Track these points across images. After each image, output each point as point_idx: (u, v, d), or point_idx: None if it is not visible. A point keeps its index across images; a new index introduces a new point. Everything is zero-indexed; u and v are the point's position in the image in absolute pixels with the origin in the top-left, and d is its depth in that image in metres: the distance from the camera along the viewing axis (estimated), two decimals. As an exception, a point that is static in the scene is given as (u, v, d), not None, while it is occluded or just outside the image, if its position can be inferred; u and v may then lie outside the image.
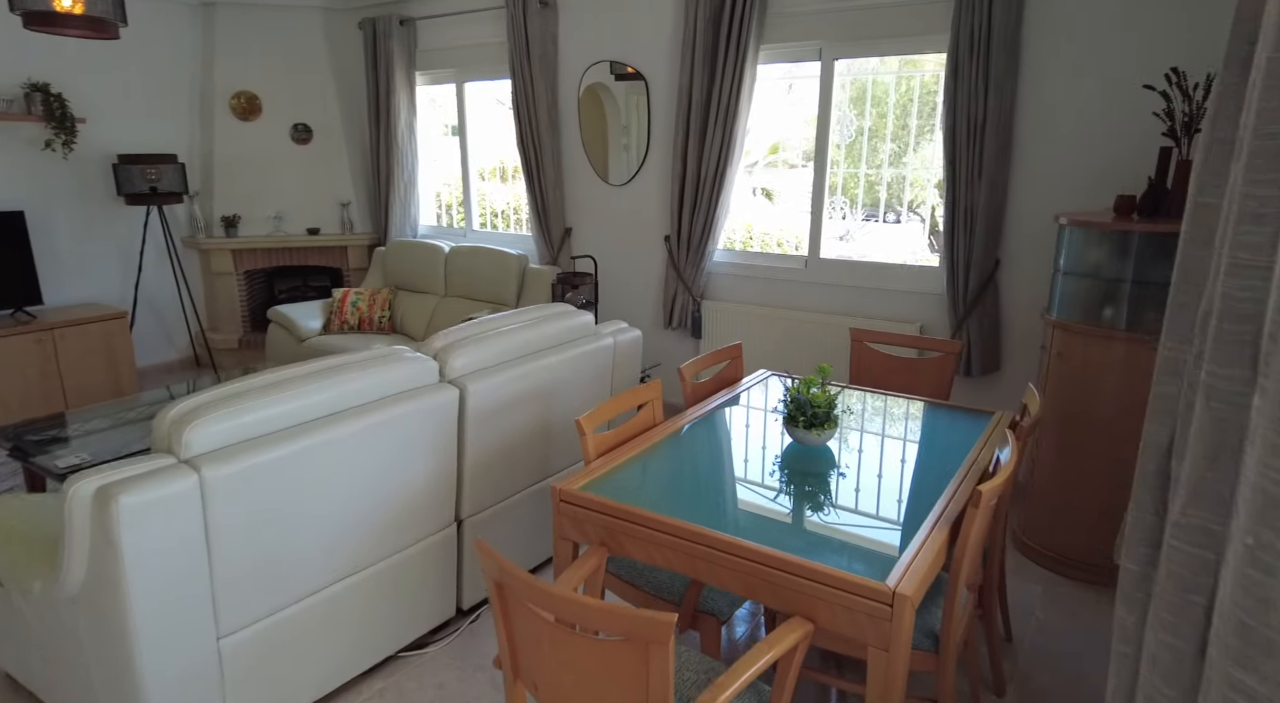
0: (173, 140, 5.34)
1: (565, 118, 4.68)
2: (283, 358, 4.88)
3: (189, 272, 5.63)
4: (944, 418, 2.49)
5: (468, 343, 2.54)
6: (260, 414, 1.95)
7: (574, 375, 2.85)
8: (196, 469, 1.77)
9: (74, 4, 3.28)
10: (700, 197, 4.12)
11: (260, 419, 1.95)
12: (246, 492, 1.86)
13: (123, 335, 4.80)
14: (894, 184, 4.05)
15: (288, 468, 1.93)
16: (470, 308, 4.80)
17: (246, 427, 1.92)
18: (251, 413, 1.93)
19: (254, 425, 1.93)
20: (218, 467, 1.80)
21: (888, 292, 3.82)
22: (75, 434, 3.31)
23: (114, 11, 3.40)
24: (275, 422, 1.98)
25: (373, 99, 5.36)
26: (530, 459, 2.74)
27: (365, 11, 5.38)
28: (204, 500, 1.79)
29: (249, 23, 5.31)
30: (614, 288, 4.74)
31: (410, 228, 5.60)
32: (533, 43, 4.50)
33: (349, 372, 2.18)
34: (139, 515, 1.67)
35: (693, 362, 2.67)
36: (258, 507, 1.89)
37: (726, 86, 3.88)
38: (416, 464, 2.30)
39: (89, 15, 3.32)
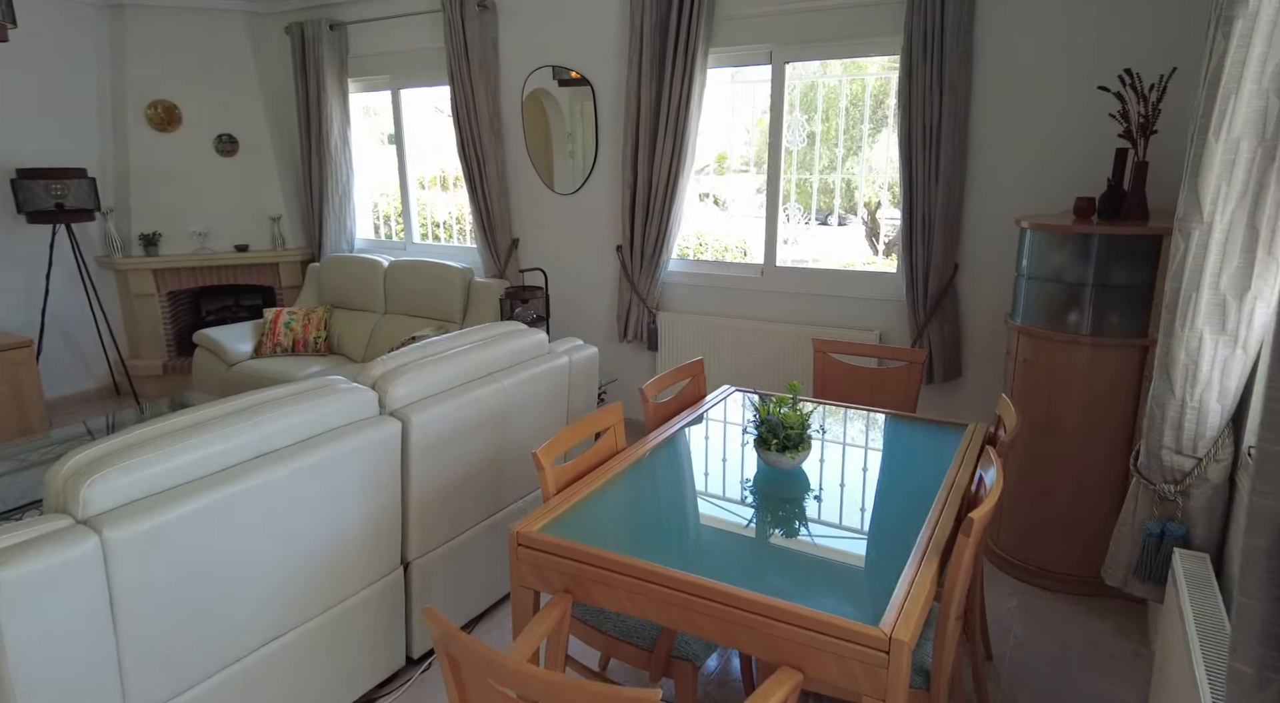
0: (81, 153, 4.96)
1: (509, 125, 4.49)
2: (211, 384, 4.56)
3: (105, 294, 5.24)
4: (916, 433, 2.39)
5: (410, 369, 2.34)
6: (172, 463, 1.72)
7: (528, 399, 2.67)
8: (97, 531, 1.54)
9: (-43, 5, 2.97)
10: (652, 205, 3.99)
11: (172, 469, 1.72)
12: (158, 553, 1.63)
13: (28, 366, 4.40)
14: (842, 188, 3.99)
15: (206, 522, 1.71)
16: (412, 326, 4.56)
17: (156, 478, 1.69)
18: (162, 462, 1.70)
19: (165, 476, 1.71)
20: (122, 526, 1.57)
21: (846, 298, 3.74)
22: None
23: (3, 13, 3.09)
24: (190, 470, 1.75)
25: (303, 107, 5.08)
26: (483, 492, 2.55)
27: (292, 15, 5.09)
28: (107, 566, 1.56)
29: (163, 26, 4.97)
30: (565, 301, 4.57)
31: (346, 242, 5.32)
32: (471, 47, 4.31)
33: (276, 408, 1.97)
34: (24, 591, 1.43)
35: (654, 381, 2.52)
36: (172, 569, 1.66)
37: (676, 91, 3.76)
38: (356, 507, 2.09)
39: (-26, 17, 3.02)
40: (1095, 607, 2.75)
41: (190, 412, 1.88)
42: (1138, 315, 2.63)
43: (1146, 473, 1.65)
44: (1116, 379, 2.67)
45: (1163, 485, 1.59)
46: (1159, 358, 1.66)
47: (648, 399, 2.47)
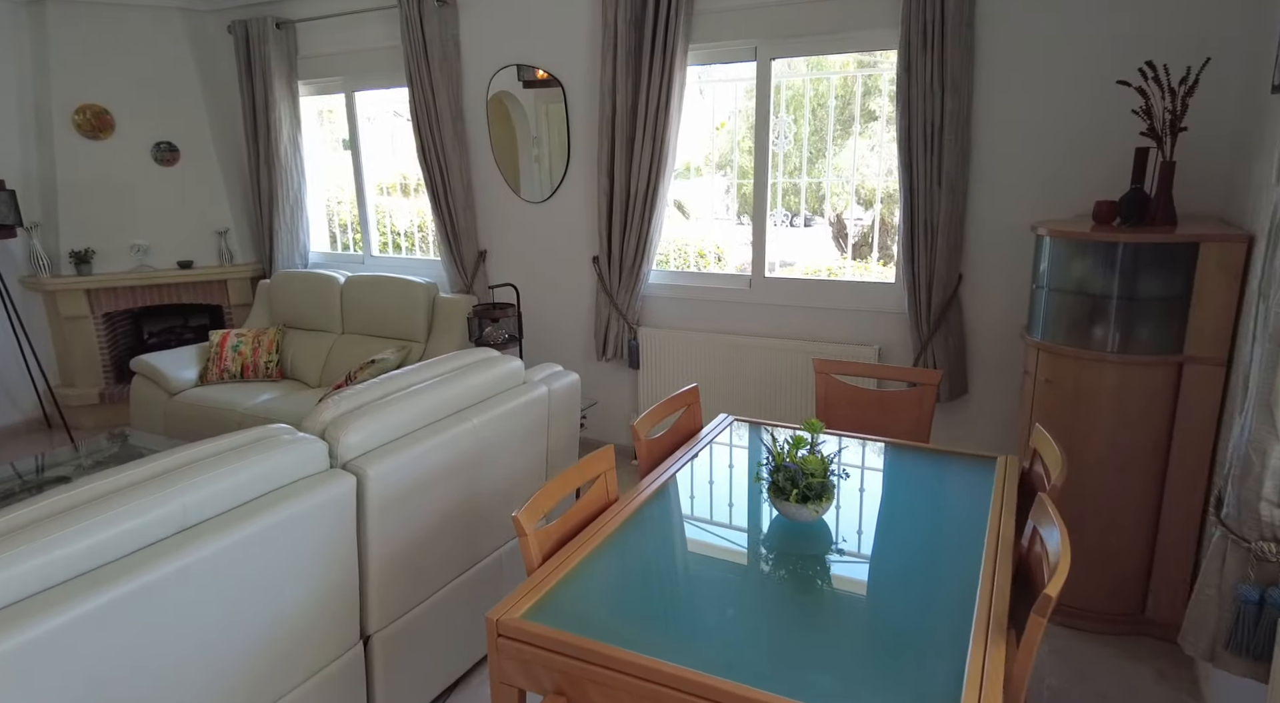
0: (0, 164, 4.52)
1: (473, 129, 4.17)
2: (151, 416, 4.16)
3: (31, 317, 4.79)
4: (939, 468, 2.14)
5: (365, 413, 2.02)
6: (74, 547, 1.38)
7: (503, 437, 2.36)
8: (-42, 649, 1.21)
9: None
10: (631, 213, 3.70)
11: (75, 554, 1.38)
12: (62, 657, 1.29)
13: (-57, 401, 3.97)
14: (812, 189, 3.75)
15: (119, 617, 1.38)
16: (372, 346, 4.22)
17: (54, 566, 1.35)
18: (61, 546, 1.37)
19: (65, 563, 1.37)
20: (13, 632, 1.24)
21: (842, 311, 3.49)
22: None
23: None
24: (96, 555, 1.42)
25: (249, 112, 4.70)
26: (455, 546, 2.24)
27: (235, 13, 4.71)
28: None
29: (91, 24, 4.55)
30: (539, 318, 4.26)
31: (300, 256, 4.94)
32: (431, 45, 3.98)
33: (203, 472, 1.63)
34: None
35: (646, 415, 2.23)
36: (70, 682, 1.33)
37: (655, 91, 3.48)
38: (304, 580, 1.77)
39: None
40: (1130, 648, 2.52)
41: (102, 477, 1.54)
42: (1170, 330, 2.41)
43: (1237, 528, 1.41)
44: (1149, 400, 2.44)
45: (1261, 544, 1.35)
46: (1257, 394, 1.42)
47: (640, 437, 2.18)
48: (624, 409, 4.12)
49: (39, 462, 3.36)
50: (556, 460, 2.68)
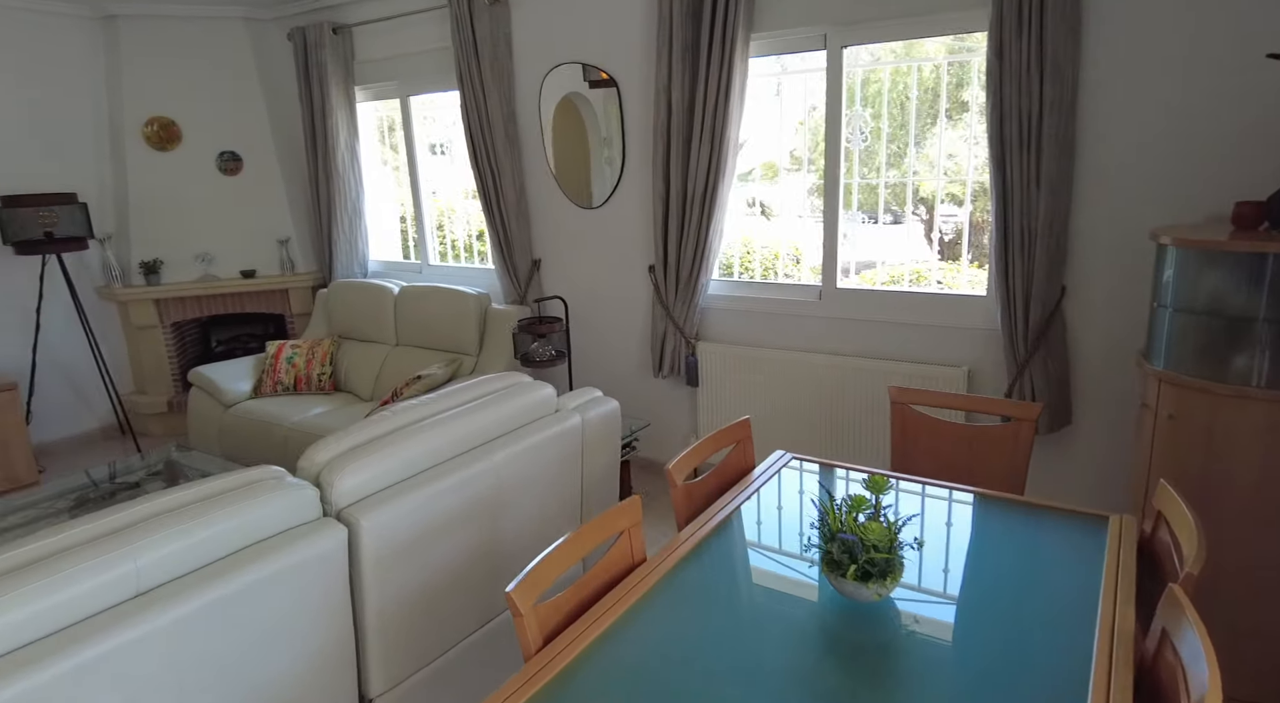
0: (76, 177, 4.62)
1: (525, 132, 3.97)
2: (207, 428, 4.15)
3: (108, 326, 4.90)
4: (1037, 529, 1.76)
5: (364, 453, 1.81)
6: (35, 605, 1.22)
7: (529, 474, 2.12)
8: None
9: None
10: (688, 218, 3.41)
11: (24, 619, 1.22)
12: (-46, 768, 1.13)
13: (11, 410, 4.06)
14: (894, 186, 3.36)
15: (80, 685, 1.21)
16: (424, 359, 4.08)
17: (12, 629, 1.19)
18: (11, 608, 1.20)
19: (14, 630, 1.21)
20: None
21: (924, 327, 3.10)
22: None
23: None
24: (55, 616, 1.25)
25: (308, 120, 4.66)
26: (472, 598, 2.01)
27: (294, 20, 4.68)
28: None
29: (160, 38, 4.60)
30: (591, 332, 4.02)
31: (359, 265, 4.88)
32: (482, 45, 3.80)
33: (166, 525, 1.45)
34: None
35: (684, 457, 1.94)
36: (-20, 786, 1.16)
37: (713, 86, 3.18)
38: (290, 642, 1.57)
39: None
40: (1279, 747, 2.07)
41: (66, 527, 1.38)
42: (1338, 361, 1.95)
43: None
44: (1308, 447, 1.99)
45: None
46: None
47: (675, 482, 1.90)
48: (681, 430, 3.84)
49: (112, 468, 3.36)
50: (593, 498, 2.43)
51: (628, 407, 4.00)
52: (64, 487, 3.25)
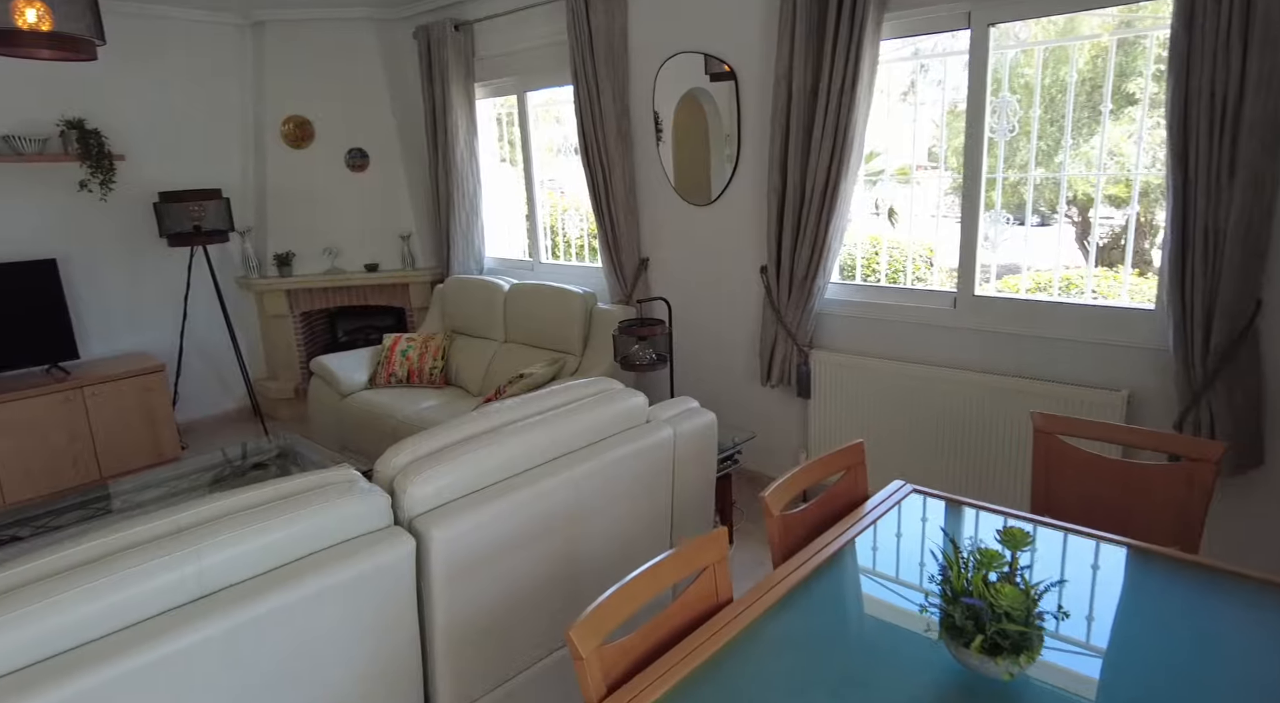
0: (221, 174, 4.92)
1: (638, 127, 3.84)
2: (325, 416, 4.30)
3: (246, 315, 5.21)
4: (1215, 600, 1.42)
5: (441, 459, 1.72)
6: (58, 618, 1.19)
7: (613, 489, 1.97)
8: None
9: (39, 20, 2.76)
10: (805, 216, 3.16)
11: (82, 619, 1.19)
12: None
13: (160, 391, 4.36)
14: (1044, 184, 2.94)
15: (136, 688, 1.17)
16: (530, 357, 4.03)
17: (34, 640, 1.16)
18: (70, 608, 1.18)
19: (45, 638, 1.18)
20: None
21: (1076, 344, 2.70)
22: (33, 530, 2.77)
23: (90, 29, 2.87)
24: (116, 616, 1.22)
25: (429, 117, 4.74)
26: (543, 623, 1.89)
27: (420, 18, 4.77)
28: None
29: (299, 39, 4.82)
30: (697, 335, 3.83)
31: (475, 261, 4.92)
32: (597, 37, 3.70)
33: (232, 527, 1.40)
34: None
35: (781, 485, 1.73)
36: (22, 791, 1.13)
37: (838, 73, 2.91)
38: (353, 655, 1.49)
39: (59, 34, 2.81)
40: None
41: (104, 537, 1.35)
42: None
43: None
44: None
45: None
46: None
47: (771, 512, 1.68)
48: (790, 444, 3.59)
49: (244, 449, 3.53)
50: (684, 519, 2.25)
51: (732, 416, 3.79)
52: (202, 463, 3.43)
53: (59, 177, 4.28)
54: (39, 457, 3.98)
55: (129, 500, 3.09)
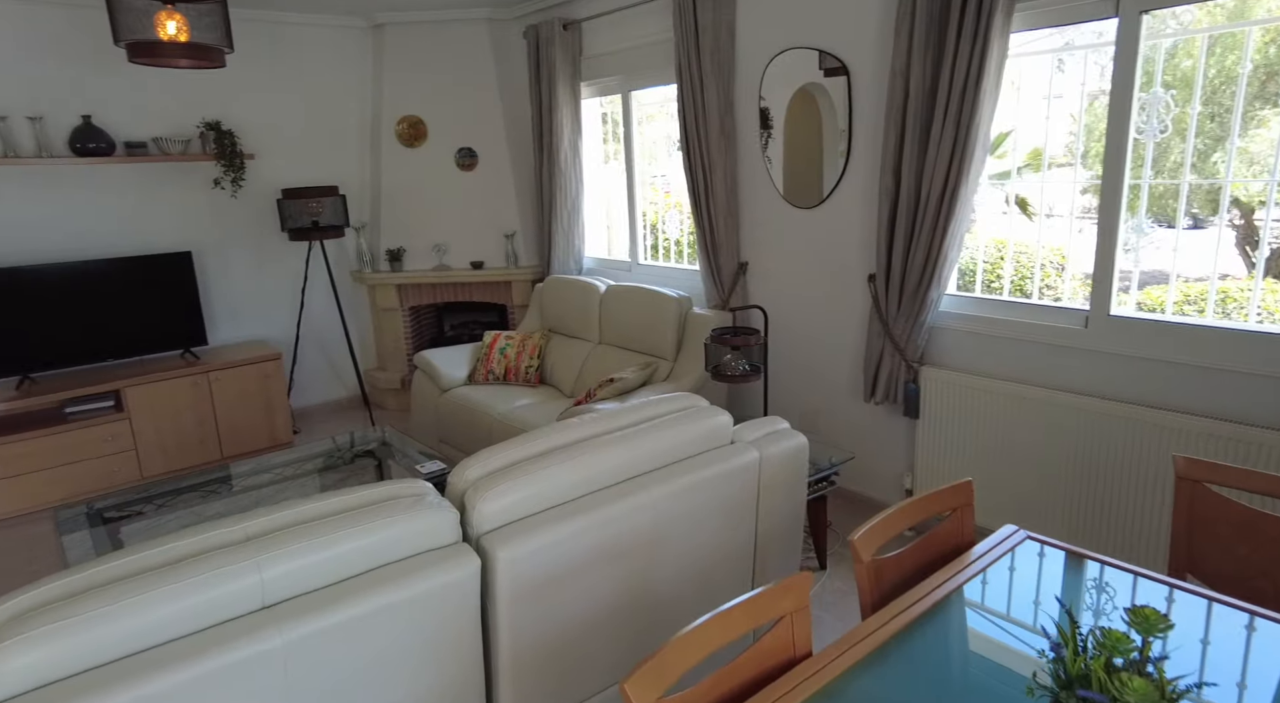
0: (340, 172, 5.14)
1: (743, 127, 3.69)
2: (426, 410, 4.41)
3: (359, 307, 5.43)
4: None
5: (513, 475, 1.67)
6: (104, 630, 1.21)
7: (690, 514, 1.87)
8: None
9: (178, 32, 2.94)
10: (920, 222, 2.93)
11: (105, 639, 1.21)
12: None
13: (277, 377, 4.60)
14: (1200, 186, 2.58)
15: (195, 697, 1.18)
16: (623, 360, 3.98)
17: (74, 655, 1.19)
18: (91, 627, 1.20)
19: (92, 650, 1.20)
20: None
21: (1232, 374, 2.37)
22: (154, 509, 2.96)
23: (221, 38, 3.02)
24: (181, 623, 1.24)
25: (536, 117, 4.76)
26: (615, 652, 1.81)
27: (531, 18, 4.80)
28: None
29: (416, 42, 4.96)
30: (796, 345, 3.66)
31: (575, 261, 4.92)
32: (703, 34, 3.58)
33: (296, 540, 1.40)
34: None
35: (874, 527, 1.57)
36: (85, 791, 1.15)
37: (961, 67, 2.67)
38: (415, 675, 1.46)
39: (195, 44, 2.97)
40: None
41: (172, 541, 1.37)
42: None
43: None
44: None
45: None
46: None
47: (860, 557, 1.53)
48: (894, 467, 3.36)
49: (351, 438, 3.67)
50: (769, 549, 2.11)
51: (830, 434, 3.59)
52: (313, 450, 3.58)
53: (197, 175, 4.58)
54: (172, 435, 4.28)
55: (245, 483, 3.25)
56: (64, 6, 4.05)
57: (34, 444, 3.86)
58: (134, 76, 4.29)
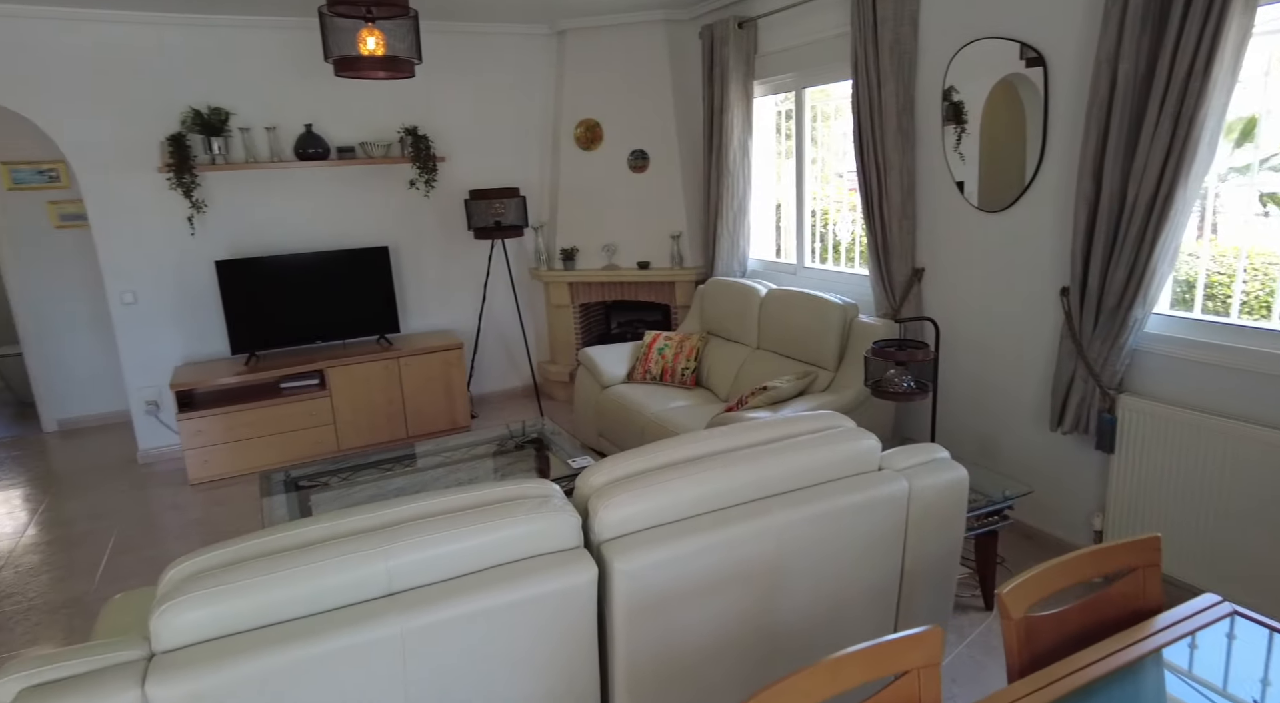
0: (521, 174, 5.41)
1: (924, 124, 3.43)
2: (587, 405, 4.54)
3: (535, 302, 5.70)
4: None
5: (634, 485, 1.65)
6: (256, 598, 1.33)
7: (822, 545, 1.75)
8: (142, 678, 1.22)
9: (376, 47, 3.22)
10: (1123, 232, 2.56)
11: (253, 607, 1.33)
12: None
13: (458, 366, 4.94)
14: None
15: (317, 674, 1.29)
16: (780, 367, 3.85)
17: (232, 617, 1.32)
18: (246, 594, 1.33)
19: (246, 614, 1.33)
20: (180, 678, 1.22)
21: None
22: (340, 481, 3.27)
23: (411, 50, 3.28)
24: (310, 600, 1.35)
25: (707, 117, 4.73)
26: (737, 678, 1.74)
27: (707, 17, 4.77)
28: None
29: (596, 46, 5.10)
30: (972, 362, 3.34)
31: (738, 263, 4.84)
32: (882, 27, 3.36)
33: (421, 532, 1.47)
34: (40, 747, 1.16)
35: (1029, 580, 1.38)
36: (228, 742, 1.28)
37: (1186, 50, 2.29)
38: (529, 677, 1.49)
39: (389, 57, 3.25)
40: None
41: (309, 524, 1.49)
42: None
43: None
44: None
45: None
46: None
47: (1010, 614, 1.35)
48: (1082, 505, 2.98)
49: (523, 426, 3.88)
50: (916, 589, 1.94)
51: (1008, 463, 3.25)
52: (486, 435, 3.81)
53: (395, 177, 5.02)
54: (365, 413, 4.73)
55: (425, 462, 3.51)
56: (297, 30, 4.59)
57: (256, 413, 4.43)
58: (346, 88, 4.77)
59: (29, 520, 3.95)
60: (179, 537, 3.71)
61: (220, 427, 4.35)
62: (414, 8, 3.67)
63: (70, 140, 4.24)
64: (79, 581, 3.31)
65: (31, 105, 4.14)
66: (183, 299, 4.64)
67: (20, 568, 3.44)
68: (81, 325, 5.42)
